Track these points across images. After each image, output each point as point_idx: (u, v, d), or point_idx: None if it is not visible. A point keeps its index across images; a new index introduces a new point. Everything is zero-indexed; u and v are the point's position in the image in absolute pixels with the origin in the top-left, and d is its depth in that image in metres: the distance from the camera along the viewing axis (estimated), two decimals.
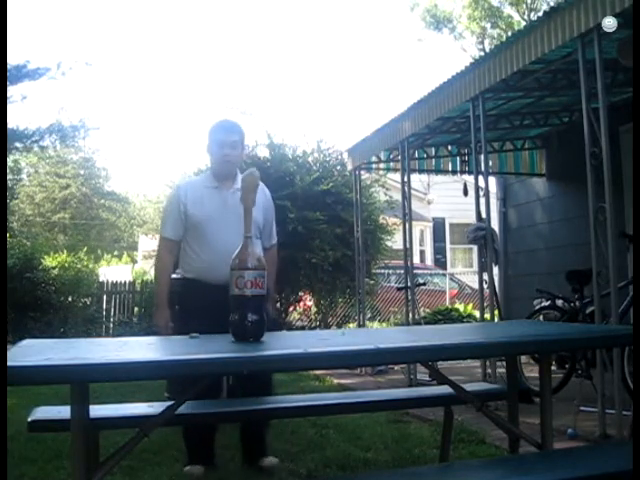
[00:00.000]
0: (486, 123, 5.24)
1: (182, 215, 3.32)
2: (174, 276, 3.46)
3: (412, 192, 6.87)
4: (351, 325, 11.05)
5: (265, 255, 3.09)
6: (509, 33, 12.00)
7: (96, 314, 11.92)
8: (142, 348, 2.19)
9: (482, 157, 5.27)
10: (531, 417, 3.10)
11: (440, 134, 7.19)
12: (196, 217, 3.30)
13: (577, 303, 4.96)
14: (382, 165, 8.24)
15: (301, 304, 11.45)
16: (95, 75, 57.53)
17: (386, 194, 10.89)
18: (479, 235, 5.13)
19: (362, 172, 8.18)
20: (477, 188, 5.18)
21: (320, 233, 9.30)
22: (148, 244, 20.51)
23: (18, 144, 13.03)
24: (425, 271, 15.49)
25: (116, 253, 25.60)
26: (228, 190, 3.31)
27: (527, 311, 5.67)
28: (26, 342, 2.14)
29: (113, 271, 17.57)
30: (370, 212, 9.97)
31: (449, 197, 15.86)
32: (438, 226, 19.70)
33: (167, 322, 3.30)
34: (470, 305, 12.54)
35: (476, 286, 8.37)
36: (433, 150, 8.09)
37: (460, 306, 12.52)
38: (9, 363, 1.56)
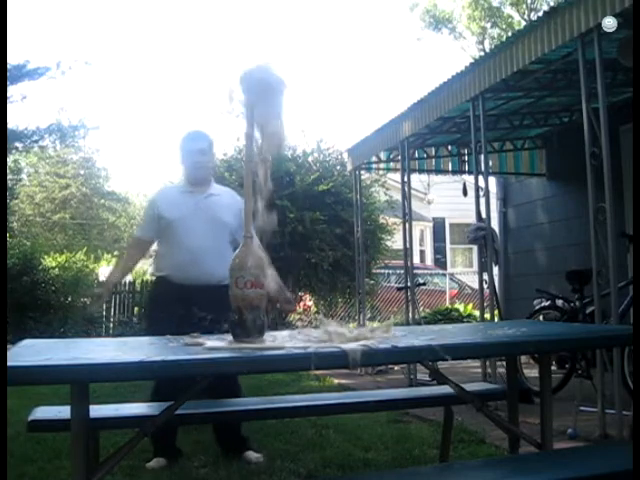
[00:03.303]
0: (486, 123, 5.24)
1: (155, 217, 3.53)
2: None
3: (412, 192, 6.86)
4: (351, 325, 11.04)
5: None
6: (509, 33, 12.00)
7: (96, 314, 11.91)
8: (142, 348, 2.19)
9: (482, 157, 5.26)
10: (531, 417, 3.10)
11: (440, 134, 7.18)
12: (168, 219, 3.47)
13: (577, 303, 4.95)
14: (382, 165, 8.23)
15: (301, 304, 11.45)
16: (95, 75, 57.53)
17: (386, 194, 10.89)
18: (479, 235, 5.13)
19: (362, 172, 8.17)
20: (477, 188, 5.18)
21: (320, 233, 9.30)
22: None
23: (18, 144, 13.03)
24: (425, 271, 15.49)
25: (116, 253, 25.53)
26: (201, 195, 3.51)
27: (527, 311, 5.67)
28: (26, 342, 2.14)
29: None
30: (370, 212, 9.97)
31: (449, 197, 15.85)
32: (438, 226, 19.69)
33: (101, 297, 3.74)
34: (470, 305, 12.55)
35: (476, 286, 8.37)
36: (433, 150, 8.08)
37: (460, 306, 12.53)
38: (9, 363, 1.56)
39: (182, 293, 3.31)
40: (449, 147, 8.05)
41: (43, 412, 2.54)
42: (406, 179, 6.57)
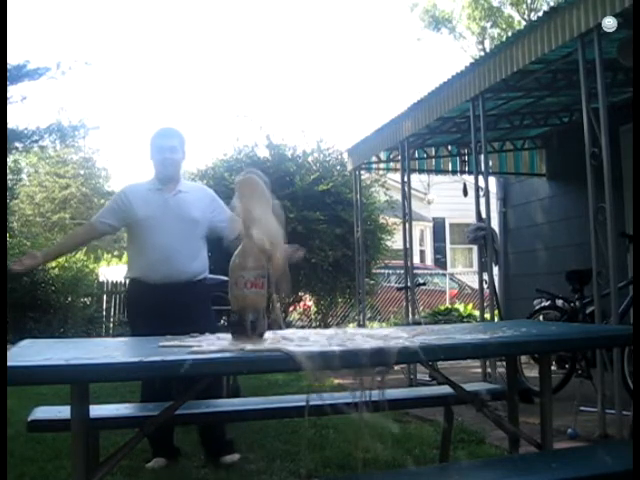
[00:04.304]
0: (486, 123, 5.25)
1: (119, 210, 3.48)
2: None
3: (412, 192, 6.87)
4: (351, 325, 11.05)
5: None
6: (509, 33, 12.00)
7: (96, 314, 11.92)
8: (142, 348, 2.19)
9: (482, 157, 5.27)
10: (531, 417, 3.10)
11: (440, 134, 7.18)
12: (136, 216, 3.43)
13: (577, 303, 4.96)
14: (382, 165, 8.23)
15: (301, 304, 11.45)
16: (95, 75, 57.46)
17: (386, 194, 10.89)
18: (479, 235, 5.13)
19: (362, 172, 8.18)
20: (477, 188, 5.18)
21: (320, 233, 9.30)
22: None
23: (18, 144, 13.00)
24: (425, 271, 15.50)
25: (116, 253, 25.56)
26: (170, 192, 3.48)
27: (527, 311, 5.67)
28: (26, 342, 2.14)
29: (113, 271, 17.54)
30: (370, 212, 9.97)
31: (449, 197, 15.85)
32: (438, 226, 19.69)
33: (27, 263, 3.35)
34: (470, 305, 12.55)
35: (476, 286, 8.37)
36: (433, 150, 8.08)
37: (460, 306, 12.53)
38: (9, 363, 1.56)
39: (156, 293, 3.28)
40: (449, 147, 8.06)
41: (43, 412, 2.54)
42: (406, 179, 6.57)
